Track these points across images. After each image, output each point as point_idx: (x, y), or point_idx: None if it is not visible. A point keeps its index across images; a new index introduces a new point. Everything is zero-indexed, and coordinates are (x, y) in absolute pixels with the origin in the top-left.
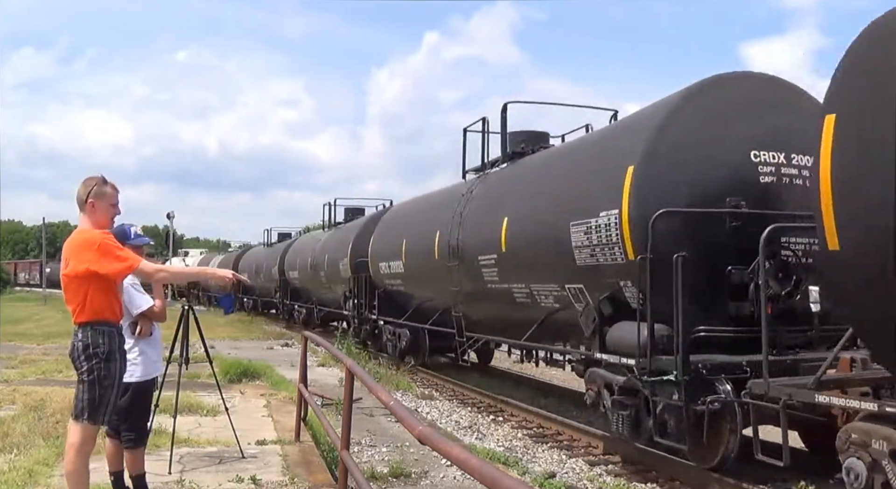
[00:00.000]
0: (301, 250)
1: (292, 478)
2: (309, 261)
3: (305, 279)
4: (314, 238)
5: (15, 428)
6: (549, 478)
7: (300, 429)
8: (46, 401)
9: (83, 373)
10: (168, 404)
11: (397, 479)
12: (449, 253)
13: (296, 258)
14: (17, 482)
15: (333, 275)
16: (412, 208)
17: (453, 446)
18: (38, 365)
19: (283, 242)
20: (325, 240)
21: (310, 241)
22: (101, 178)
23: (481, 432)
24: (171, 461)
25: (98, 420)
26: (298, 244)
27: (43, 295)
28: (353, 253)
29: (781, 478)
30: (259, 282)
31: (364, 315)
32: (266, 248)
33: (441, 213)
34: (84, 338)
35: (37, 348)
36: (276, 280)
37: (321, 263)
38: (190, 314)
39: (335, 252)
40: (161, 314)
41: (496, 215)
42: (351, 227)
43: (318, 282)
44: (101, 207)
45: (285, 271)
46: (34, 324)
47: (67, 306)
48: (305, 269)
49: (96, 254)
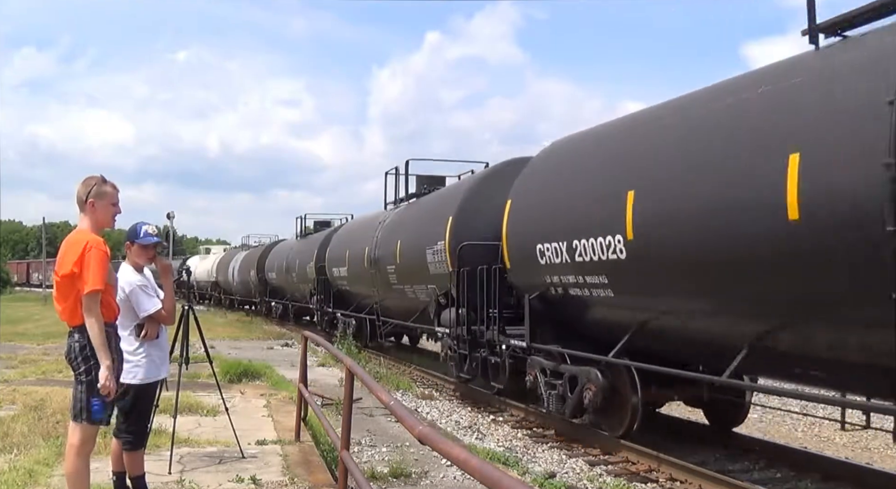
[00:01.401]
0: (348, 240)
1: (292, 478)
2: (349, 255)
3: (354, 279)
4: (365, 223)
5: (15, 428)
6: (549, 478)
7: (300, 429)
8: (46, 401)
9: (81, 374)
10: (168, 404)
11: (397, 479)
12: (371, 262)
13: (344, 250)
14: (17, 482)
15: (302, 276)
16: (352, 227)
17: (453, 446)
18: (38, 365)
19: (321, 233)
20: (297, 247)
21: (359, 229)
22: (101, 177)
23: (481, 432)
24: (171, 461)
25: (97, 420)
26: (346, 233)
27: (43, 295)
28: (317, 259)
29: (779, 478)
30: (290, 282)
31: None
32: (299, 241)
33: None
34: (80, 340)
35: (37, 348)
36: (311, 280)
37: (293, 267)
38: (190, 314)
39: (304, 258)
40: (169, 317)
41: (394, 237)
42: (316, 238)
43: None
44: (100, 207)
45: (328, 269)
46: (34, 324)
47: (56, 305)
48: (359, 263)
49: (81, 260)
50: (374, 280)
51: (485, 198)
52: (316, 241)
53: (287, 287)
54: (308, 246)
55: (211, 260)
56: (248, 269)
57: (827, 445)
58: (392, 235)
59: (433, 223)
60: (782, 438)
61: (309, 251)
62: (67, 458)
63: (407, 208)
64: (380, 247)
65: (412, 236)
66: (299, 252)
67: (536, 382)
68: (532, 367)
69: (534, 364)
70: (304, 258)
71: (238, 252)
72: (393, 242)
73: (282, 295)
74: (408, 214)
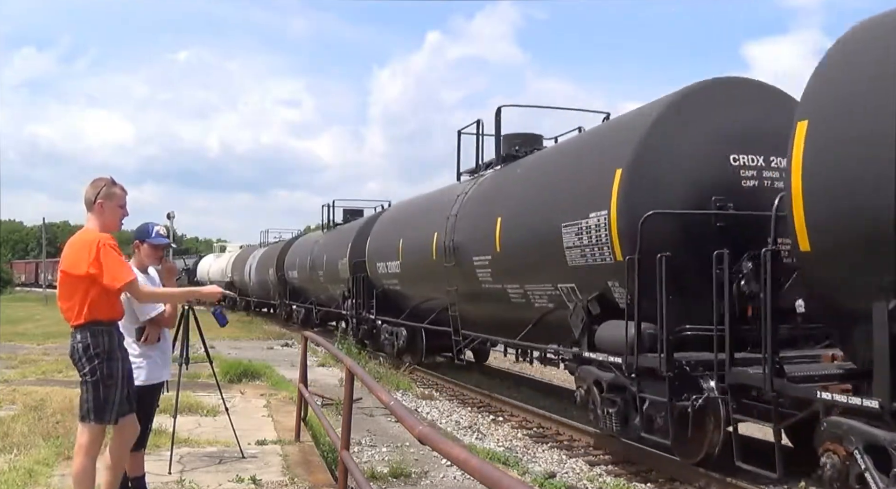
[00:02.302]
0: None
1: (292, 478)
2: (402, 245)
3: (412, 277)
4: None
5: (15, 428)
6: (549, 478)
7: (300, 429)
8: (46, 401)
9: (86, 374)
10: (168, 404)
11: (397, 479)
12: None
13: (395, 240)
14: (17, 482)
15: (332, 275)
16: (408, 209)
17: (453, 446)
18: (38, 365)
19: (356, 222)
20: (325, 241)
21: (418, 211)
22: (110, 179)
23: (481, 432)
24: (171, 461)
25: (105, 419)
26: (396, 216)
27: (43, 295)
28: (352, 253)
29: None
30: (315, 282)
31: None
32: (326, 234)
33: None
34: (83, 339)
35: (37, 348)
36: (343, 279)
37: (319, 264)
38: (190, 314)
39: (334, 252)
40: (171, 320)
41: (490, 216)
42: (348, 229)
43: None
44: (109, 208)
45: (369, 265)
46: (34, 324)
47: (60, 303)
48: (423, 254)
49: (98, 259)
50: (449, 277)
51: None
52: (349, 232)
53: (311, 288)
54: (339, 238)
55: (226, 258)
56: (266, 268)
57: None
58: (484, 211)
59: (577, 185)
60: None
61: (340, 244)
62: (76, 458)
63: (504, 172)
64: (459, 231)
65: (529, 209)
66: (326, 246)
67: (589, 396)
68: (382, 331)
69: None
70: (334, 253)
71: (256, 249)
72: (487, 221)
73: (305, 297)
74: (512, 177)
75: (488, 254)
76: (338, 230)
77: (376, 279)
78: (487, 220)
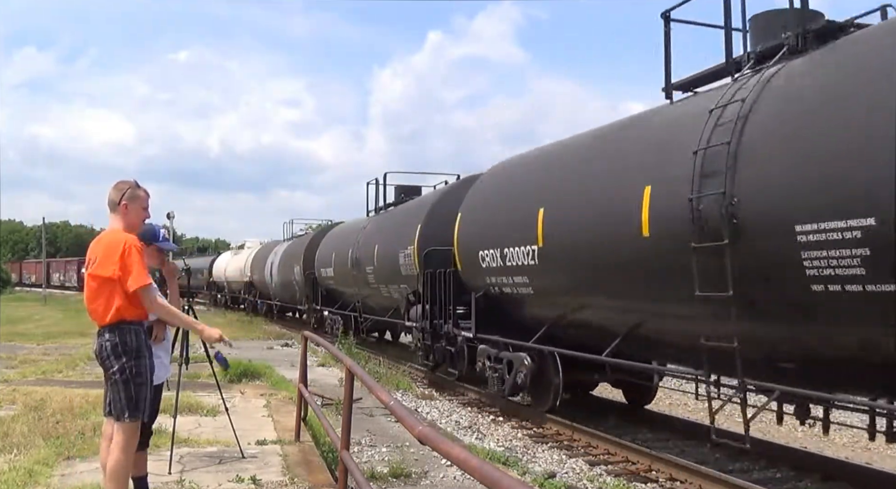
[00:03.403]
0: (336, 243)
1: (292, 479)
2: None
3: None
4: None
5: (15, 428)
6: (549, 478)
7: (300, 429)
8: (46, 401)
9: (115, 373)
10: (168, 404)
11: (397, 479)
12: (352, 264)
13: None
14: (17, 482)
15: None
16: (339, 231)
17: (453, 446)
18: (38, 365)
19: (417, 201)
20: (373, 227)
21: (345, 233)
22: (134, 182)
23: (481, 432)
24: (171, 461)
25: (139, 416)
26: (334, 236)
27: (43, 295)
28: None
29: (779, 478)
30: (360, 282)
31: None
32: (373, 219)
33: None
34: (112, 338)
35: (37, 348)
36: (408, 278)
37: (367, 258)
38: (190, 314)
39: (392, 242)
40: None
41: (373, 241)
42: (418, 206)
43: None
44: (133, 210)
45: (462, 255)
46: (34, 324)
47: (88, 304)
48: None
49: (123, 260)
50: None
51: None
52: (418, 211)
53: (354, 291)
54: (399, 221)
55: (244, 255)
56: (290, 265)
57: (827, 445)
58: (371, 239)
59: (405, 230)
60: (782, 438)
61: (401, 229)
62: (112, 454)
63: (384, 215)
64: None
65: (387, 241)
66: (378, 234)
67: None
68: (480, 355)
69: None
70: (392, 242)
71: (279, 244)
72: (372, 246)
73: (344, 302)
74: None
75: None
76: (393, 212)
77: (475, 276)
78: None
